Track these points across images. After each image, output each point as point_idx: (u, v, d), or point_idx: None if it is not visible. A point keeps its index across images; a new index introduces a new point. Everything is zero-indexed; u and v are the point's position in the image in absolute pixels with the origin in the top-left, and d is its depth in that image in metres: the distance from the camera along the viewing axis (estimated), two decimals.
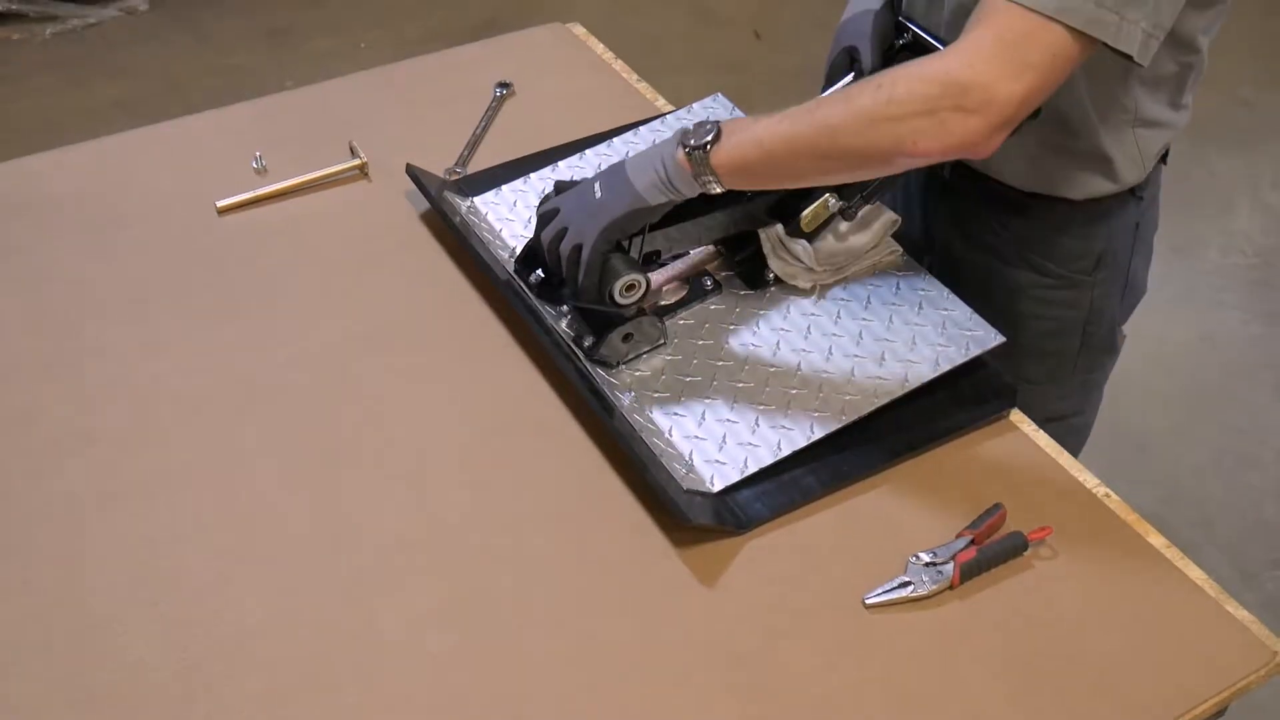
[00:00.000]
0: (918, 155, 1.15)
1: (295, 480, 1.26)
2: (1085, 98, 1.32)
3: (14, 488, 1.25)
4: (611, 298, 1.28)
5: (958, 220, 1.50)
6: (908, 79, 1.13)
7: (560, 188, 1.36)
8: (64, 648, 1.11)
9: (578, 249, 1.28)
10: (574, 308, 1.37)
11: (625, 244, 1.28)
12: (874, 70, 1.32)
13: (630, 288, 1.28)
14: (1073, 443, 1.61)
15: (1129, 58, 1.13)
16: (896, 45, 1.38)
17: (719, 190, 1.23)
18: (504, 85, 1.78)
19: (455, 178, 1.61)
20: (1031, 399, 1.50)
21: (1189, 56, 1.33)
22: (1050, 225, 1.44)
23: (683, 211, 1.31)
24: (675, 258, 1.43)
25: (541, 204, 1.36)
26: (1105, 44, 1.12)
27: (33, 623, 1.13)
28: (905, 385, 1.29)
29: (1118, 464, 2.59)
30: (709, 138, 1.21)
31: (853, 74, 1.35)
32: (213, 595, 1.15)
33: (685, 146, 1.22)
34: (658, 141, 1.28)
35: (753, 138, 1.20)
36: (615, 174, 1.28)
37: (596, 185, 1.28)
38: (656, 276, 1.40)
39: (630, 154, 1.31)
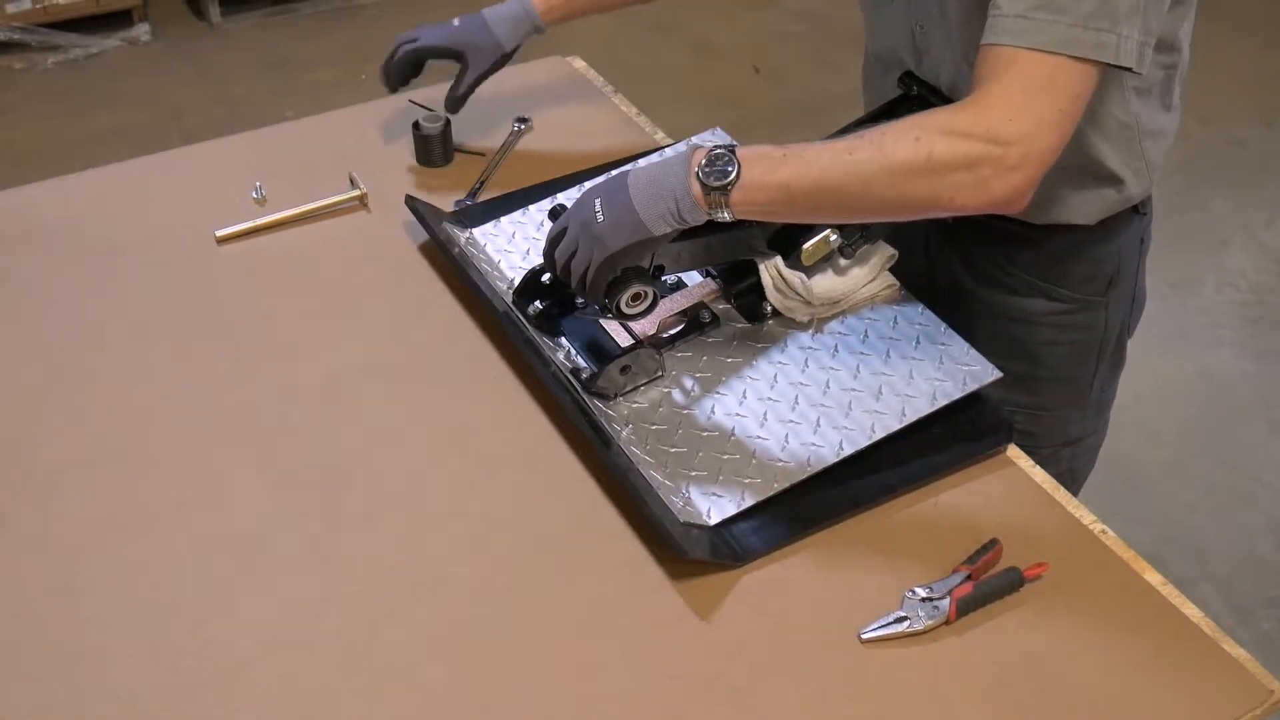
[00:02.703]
0: (955, 210, 1.16)
1: (290, 510, 1.26)
2: (1090, 122, 1.33)
3: (9, 515, 1.25)
4: (618, 309, 1.28)
5: (965, 259, 1.50)
6: (947, 134, 1.14)
7: (556, 213, 1.36)
8: (57, 676, 1.11)
9: (587, 270, 1.25)
10: (573, 340, 1.37)
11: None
12: (463, 94, 1.58)
13: (637, 297, 1.28)
14: (1087, 463, 1.60)
15: (1127, 69, 1.16)
16: (907, 92, 1.40)
17: (729, 220, 1.22)
18: (523, 119, 1.79)
19: (458, 209, 1.62)
20: (1052, 426, 1.49)
21: (1172, 57, 1.34)
22: (1062, 252, 1.44)
23: (690, 229, 1.32)
24: (675, 286, 1.43)
25: (553, 220, 1.35)
26: (1108, 63, 1.14)
27: (26, 651, 1.13)
28: (902, 419, 1.29)
29: (1112, 499, 2.59)
30: (730, 179, 1.18)
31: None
32: (206, 625, 1.15)
33: (702, 183, 1.19)
34: (660, 160, 1.25)
35: (778, 182, 1.19)
36: (616, 195, 1.23)
37: (597, 204, 1.24)
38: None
39: (632, 170, 1.26)
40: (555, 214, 1.36)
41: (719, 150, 1.20)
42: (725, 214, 1.20)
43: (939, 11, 1.34)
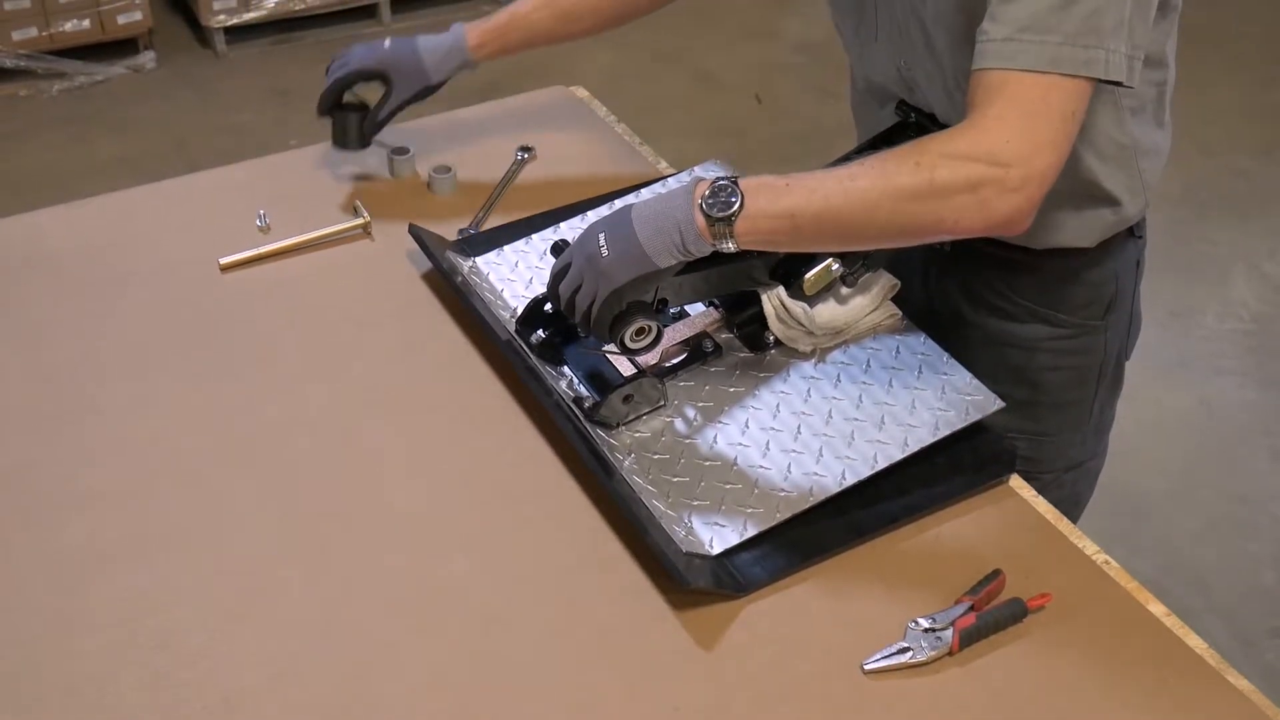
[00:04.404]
0: (958, 233, 1.18)
1: (291, 541, 1.25)
2: (1086, 144, 1.34)
3: (10, 543, 1.25)
4: (623, 343, 1.28)
5: (964, 287, 1.50)
6: (948, 158, 1.15)
7: (559, 248, 1.36)
8: (57, 706, 1.11)
9: (592, 304, 1.25)
10: (575, 369, 1.37)
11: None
12: (382, 121, 1.58)
13: (641, 332, 1.28)
14: (1088, 487, 1.61)
15: (1117, 83, 1.17)
16: (905, 119, 1.41)
17: (734, 250, 1.23)
18: (526, 149, 1.79)
19: (462, 238, 1.62)
20: (1053, 451, 1.50)
21: (1161, 73, 1.35)
22: (1060, 278, 1.45)
23: (692, 262, 1.32)
24: (678, 316, 1.43)
25: (555, 255, 1.35)
26: (1098, 79, 1.15)
27: (26, 681, 1.13)
28: (905, 449, 1.29)
29: (1115, 529, 2.58)
30: (734, 209, 1.19)
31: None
32: (205, 656, 1.14)
33: (706, 214, 1.19)
34: (664, 193, 1.25)
35: (782, 210, 1.19)
36: (620, 229, 1.24)
37: (601, 239, 1.24)
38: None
39: (636, 204, 1.26)
40: (558, 249, 1.37)
41: (721, 181, 1.20)
42: (730, 244, 1.21)
43: (924, 45, 1.35)
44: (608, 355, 1.36)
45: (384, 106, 1.64)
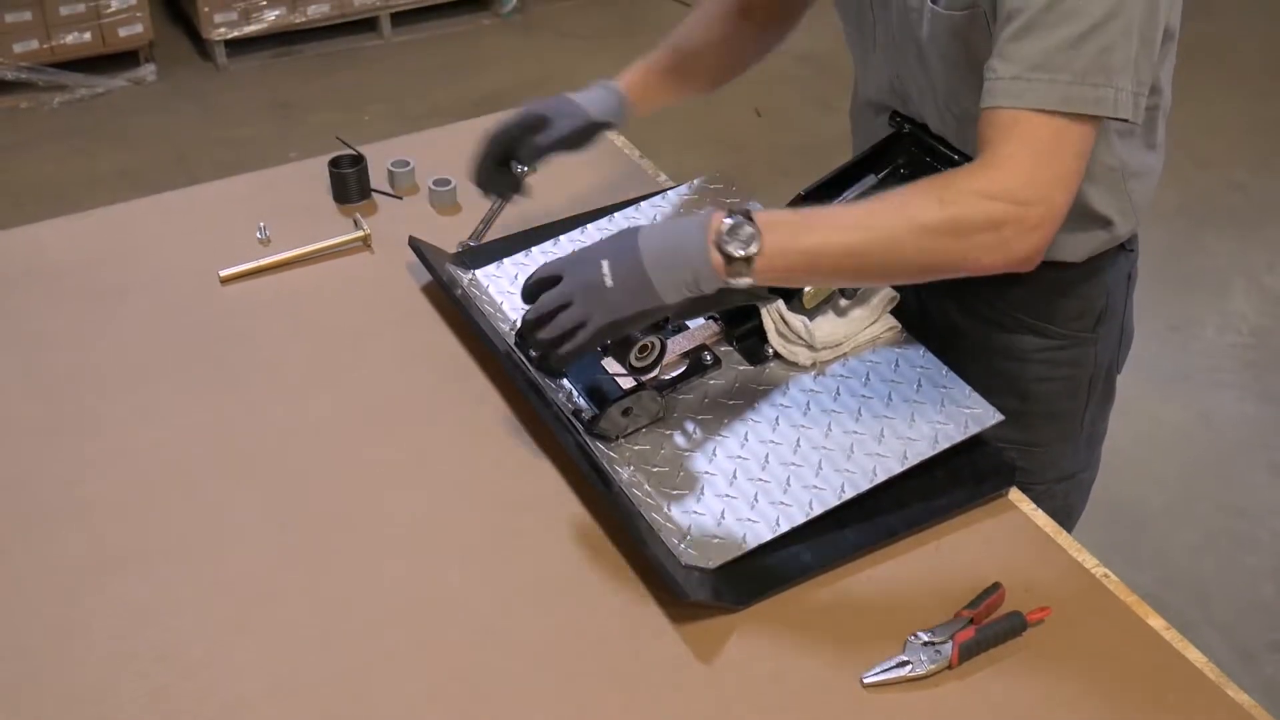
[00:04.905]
0: (977, 271, 1.19)
1: (291, 553, 1.25)
2: None
3: (9, 555, 1.25)
4: (628, 362, 1.28)
5: (957, 297, 1.51)
6: (970, 196, 1.16)
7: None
8: (57, 716, 1.10)
9: (579, 328, 1.20)
10: (575, 381, 1.37)
11: None
12: (536, 155, 1.44)
13: (645, 349, 1.28)
14: (1081, 499, 1.61)
15: (1124, 119, 1.19)
16: (899, 130, 1.42)
17: (746, 286, 1.19)
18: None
19: (462, 250, 1.62)
20: (1044, 462, 1.50)
21: (1155, 98, 1.36)
22: (1051, 290, 1.45)
23: None
24: (678, 329, 1.44)
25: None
26: (1106, 116, 1.17)
27: (25, 692, 1.12)
28: (904, 462, 1.29)
29: (1114, 542, 2.58)
30: (754, 248, 1.15)
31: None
32: (205, 669, 1.14)
33: (723, 251, 1.15)
34: (672, 223, 1.21)
35: (802, 249, 1.17)
36: (626, 259, 1.18)
37: (605, 266, 1.18)
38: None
39: (643, 229, 1.20)
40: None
41: (737, 217, 1.16)
42: (745, 281, 1.17)
43: (918, 62, 1.36)
44: (607, 369, 1.36)
45: (546, 133, 1.45)
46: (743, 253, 1.15)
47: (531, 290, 1.25)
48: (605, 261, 1.19)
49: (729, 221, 1.16)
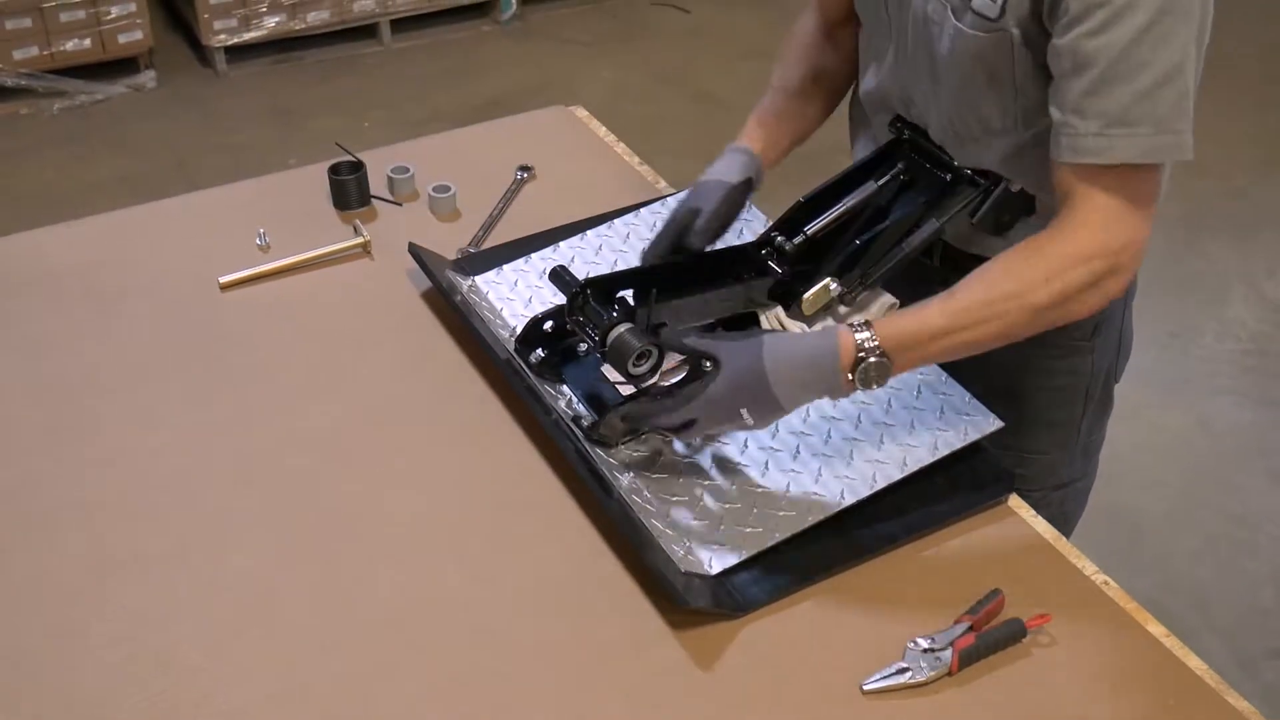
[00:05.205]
0: (1079, 318, 1.25)
1: (291, 558, 1.25)
2: None
3: (9, 560, 1.25)
4: (626, 369, 1.28)
5: None
6: (1075, 263, 1.21)
7: (557, 274, 1.33)
8: None
9: (689, 425, 1.25)
10: (574, 388, 1.37)
11: (633, 315, 1.29)
12: (705, 238, 1.38)
13: (641, 357, 1.28)
14: (1078, 507, 1.61)
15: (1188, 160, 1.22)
16: (899, 136, 1.41)
17: None
18: (526, 168, 1.80)
19: (462, 256, 1.62)
20: (1041, 469, 1.50)
21: None
22: None
23: (689, 285, 1.32)
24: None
25: (554, 281, 1.33)
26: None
27: (25, 696, 1.12)
28: (904, 469, 1.29)
29: (1113, 549, 2.58)
30: (889, 372, 1.22)
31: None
32: (204, 674, 1.14)
33: (860, 385, 1.22)
34: (804, 355, 1.23)
35: (928, 356, 1.24)
36: (763, 398, 1.22)
37: (744, 413, 1.23)
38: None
39: (771, 369, 1.22)
40: (557, 275, 1.34)
41: (871, 357, 1.21)
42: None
43: (929, 74, 1.36)
44: (606, 375, 1.37)
45: (697, 221, 1.41)
46: (879, 384, 1.23)
47: (675, 426, 1.28)
48: (744, 410, 1.24)
49: (863, 359, 1.21)
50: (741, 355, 1.23)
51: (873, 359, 1.21)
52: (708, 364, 1.26)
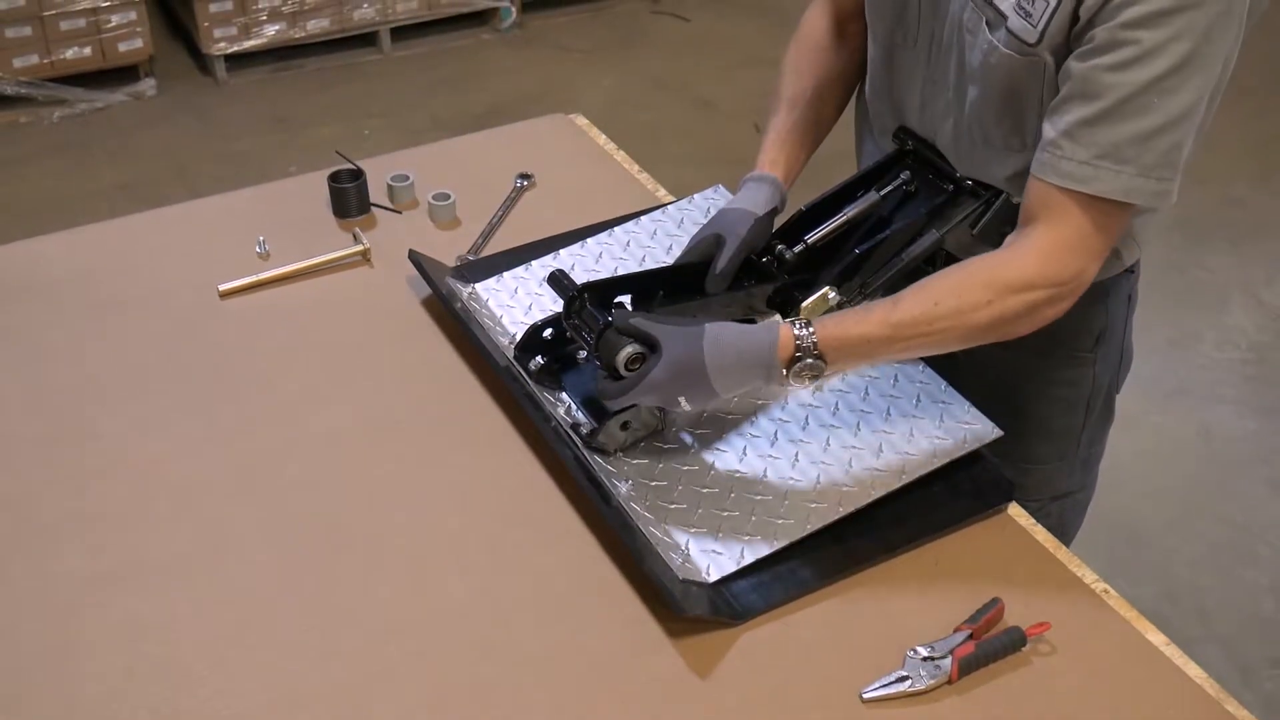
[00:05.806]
0: (1010, 339, 1.28)
1: (290, 566, 1.25)
2: None
3: (9, 569, 1.25)
4: (615, 370, 1.28)
5: None
6: (1017, 293, 1.22)
7: (556, 279, 1.34)
8: None
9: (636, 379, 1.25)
10: (573, 395, 1.37)
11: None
12: (725, 268, 1.36)
13: (634, 361, 1.28)
14: (1076, 518, 1.61)
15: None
16: (903, 147, 1.41)
17: None
18: (525, 176, 1.80)
19: (461, 264, 1.62)
20: (1040, 480, 1.50)
21: None
22: None
23: (684, 293, 1.32)
24: None
25: (552, 286, 1.34)
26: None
27: (25, 707, 1.12)
28: (903, 477, 1.29)
29: (1114, 557, 2.58)
30: (822, 373, 1.24)
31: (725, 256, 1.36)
32: (204, 683, 1.14)
33: (792, 375, 1.23)
34: (742, 350, 1.23)
35: (862, 355, 1.26)
36: (699, 387, 1.24)
37: (682, 401, 1.25)
38: None
39: (710, 359, 1.22)
40: (555, 280, 1.34)
41: (806, 358, 1.22)
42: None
43: (954, 82, 1.34)
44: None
45: (720, 258, 1.38)
46: (810, 383, 1.26)
47: (614, 392, 1.28)
48: (682, 399, 1.26)
49: (796, 357, 1.23)
50: (682, 342, 1.23)
51: (809, 359, 1.22)
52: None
